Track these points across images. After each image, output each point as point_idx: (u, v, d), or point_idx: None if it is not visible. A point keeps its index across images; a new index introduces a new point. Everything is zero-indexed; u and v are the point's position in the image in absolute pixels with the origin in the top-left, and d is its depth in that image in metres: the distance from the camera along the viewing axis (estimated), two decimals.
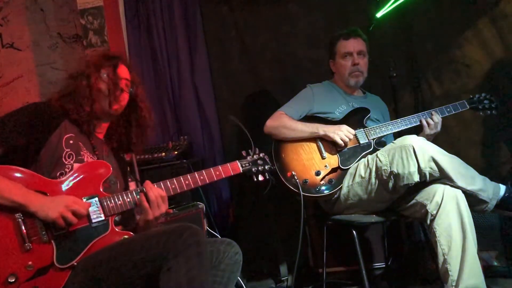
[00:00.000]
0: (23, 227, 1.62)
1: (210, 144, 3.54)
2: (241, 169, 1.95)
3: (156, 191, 1.82)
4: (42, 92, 3.54)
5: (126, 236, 1.79)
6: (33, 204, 1.63)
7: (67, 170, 1.77)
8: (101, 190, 1.80)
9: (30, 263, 1.61)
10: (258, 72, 3.57)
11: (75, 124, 1.87)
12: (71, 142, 1.82)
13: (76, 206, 1.68)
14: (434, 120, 2.61)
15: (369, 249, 3.03)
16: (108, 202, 1.78)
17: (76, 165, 1.79)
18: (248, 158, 1.98)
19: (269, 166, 2.00)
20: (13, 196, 1.61)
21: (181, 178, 1.87)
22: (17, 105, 3.61)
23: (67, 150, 1.79)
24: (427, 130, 2.61)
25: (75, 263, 1.67)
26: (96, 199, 1.76)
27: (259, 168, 1.99)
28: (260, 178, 1.99)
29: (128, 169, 2.48)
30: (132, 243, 1.69)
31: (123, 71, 2.01)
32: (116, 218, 1.86)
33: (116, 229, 1.80)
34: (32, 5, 3.53)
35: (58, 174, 1.75)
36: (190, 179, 1.87)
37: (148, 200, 1.81)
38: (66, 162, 1.78)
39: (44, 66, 3.54)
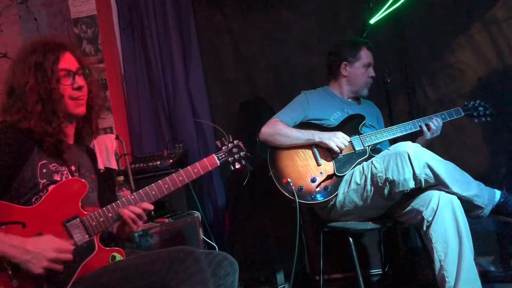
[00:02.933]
0: (7, 266, 1.53)
1: (205, 152, 3.53)
2: (218, 162, 1.86)
3: (128, 212, 1.74)
4: None
5: (115, 254, 1.72)
6: (11, 256, 1.52)
7: (42, 195, 1.67)
8: (80, 208, 1.71)
9: None
10: (252, 79, 3.58)
11: (44, 146, 1.71)
12: (44, 171, 1.69)
13: (60, 255, 1.59)
14: (435, 124, 2.61)
15: (365, 255, 3.03)
16: (91, 221, 1.70)
17: (50, 187, 1.69)
18: (223, 148, 1.90)
19: (244, 152, 1.91)
20: None
21: (160, 183, 1.78)
22: None
23: (42, 181, 1.68)
24: (428, 134, 2.61)
25: None
26: (78, 220, 1.69)
27: (235, 157, 1.91)
28: (237, 166, 1.91)
29: (123, 178, 2.47)
30: (132, 268, 1.62)
31: (69, 61, 1.77)
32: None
33: (103, 247, 1.73)
34: (26, 15, 3.52)
35: (33, 199, 1.66)
36: (169, 182, 1.79)
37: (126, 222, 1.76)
38: (41, 188, 1.68)
39: None
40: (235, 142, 1.93)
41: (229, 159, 1.90)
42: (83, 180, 1.75)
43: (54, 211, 1.66)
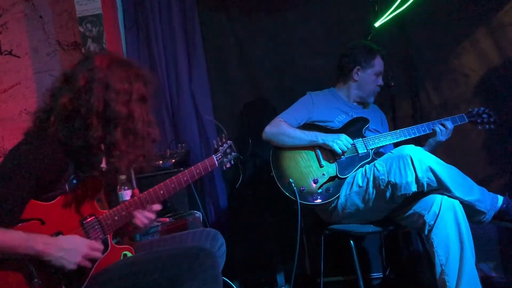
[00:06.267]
0: (32, 266, 1.56)
1: (207, 152, 3.53)
2: (217, 163, 1.93)
3: (142, 218, 1.79)
4: (40, 99, 3.53)
5: (126, 252, 1.76)
6: (46, 254, 1.55)
7: (60, 192, 1.68)
8: (97, 207, 1.74)
9: None
10: (256, 80, 3.58)
11: (82, 164, 1.72)
12: (74, 182, 1.70)
13: (93, 253, 1.63)
14: (447, 126, 2.62)
15: (366, 258, 3.03)
16: (106, 220, 1.73)
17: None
18: (220, 149, 1.96)
19: (235, 153, 1.98)
20: (20, 250, 1.53)
21: (168, 182, 1.84)
22: (15, 112, 3.63)
23: (68, 194, 1.69)
24: (440, 136, 2.61)
25: None
26: (94, 218, 1.71)
27: (228, 157, 1.97)
28: (228, 165, 1.98)
29: (125, 177, 2.47)
30: (145, 263, 1.66)
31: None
32: None
33: (116, 245, 1.77)
34: (31, 12, 3.53)
35: (50, 196, 1.67)
36: (175, 182, 1.85)
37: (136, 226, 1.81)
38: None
39: (42, 73, 3.53)
40: (228, 142, 1.98)
41: (224, 160, 1.97)
42: (99, 178, 1.77)
43: (72, 209, 1.68)
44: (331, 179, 2.58)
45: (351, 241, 2.47)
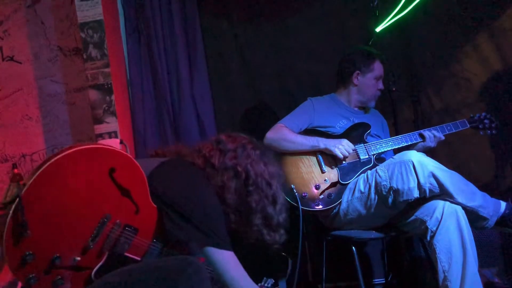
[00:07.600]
0: (104, 228, 1.62)
1: None
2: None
3: None
4: (41, 105, 3.54)
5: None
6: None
7: None
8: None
9: (78, 258, 1.61)
10: (257, 85, 3.58)
11: None
12: None
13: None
14: (436, 134, 2.63)
15: (368, 264, 3.01)
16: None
17: None
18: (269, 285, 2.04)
19: None
20: None
21: None
22: (16, 118, 3.61)
23: None
24: (429, 143, 2.62)
25: None
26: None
27: None
28: None
29: None
30: (134, 274, 1.62)
31: None
32: None
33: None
34: (33, 19, 3.54)
35: None
36: None
37: None
38: None
39: (44, 79, 3.54)
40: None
41: None
42: None
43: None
44: (333, 184, 2.57)
45: (353, 247, 2.46)
